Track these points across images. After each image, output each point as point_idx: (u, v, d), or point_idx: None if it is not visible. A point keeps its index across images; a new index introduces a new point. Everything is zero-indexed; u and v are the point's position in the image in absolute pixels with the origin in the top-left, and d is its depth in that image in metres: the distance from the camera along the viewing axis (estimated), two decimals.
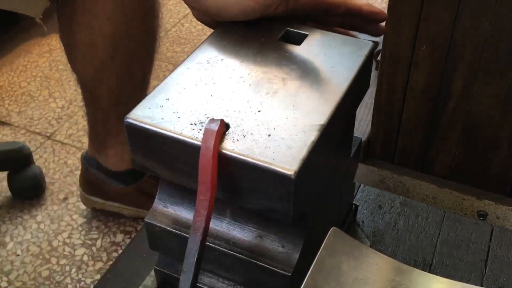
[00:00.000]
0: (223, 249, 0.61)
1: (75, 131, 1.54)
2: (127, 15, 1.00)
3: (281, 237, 0.60)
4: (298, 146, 0.53)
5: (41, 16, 1.00)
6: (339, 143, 0.69)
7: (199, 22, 0.67)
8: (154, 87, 0.61)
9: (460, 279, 0.80)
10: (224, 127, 0.54)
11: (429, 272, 0.79)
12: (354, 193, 0.92)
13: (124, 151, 1.17)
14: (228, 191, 0.56)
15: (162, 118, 0.56)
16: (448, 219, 0.89)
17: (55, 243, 1.22)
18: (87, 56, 1.04)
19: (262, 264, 0.60)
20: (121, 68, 1.05)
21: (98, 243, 1.22)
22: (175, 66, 1.26)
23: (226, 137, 0.54)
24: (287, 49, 0.66)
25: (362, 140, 0.93)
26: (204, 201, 0.54)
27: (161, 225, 0.64)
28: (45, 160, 1.44)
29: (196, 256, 0.55)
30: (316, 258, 0.59)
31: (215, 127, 0.53)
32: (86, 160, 1.21)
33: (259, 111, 0.57)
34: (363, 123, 1.12)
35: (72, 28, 1.02)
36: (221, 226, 0.62)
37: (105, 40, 1.01)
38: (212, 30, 0.69)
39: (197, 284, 0.66)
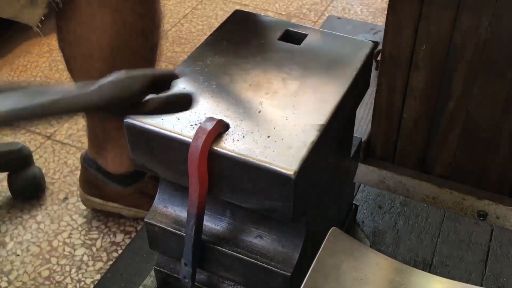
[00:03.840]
0: (223, 249, 0.61)
1: (75, 131, 1.54)
2: (126, 28, 0.99)
3: (281, 237, 0.60)
4: (298, 146, 0.53)
5: (39, 25, 0.99)
6: (339, 143, 0.69)
7: (199, 22, 0.67)
8: None
9: (460, 279, 0.79)
10: (222, 127, 0.54)
11: (429, 272, 0.79)
12: (354, 193, 0.92)
13: (124, 155, 1.16)
14: (228, 191, 0.56)
15: (162, 119, 0.56)
16: (448, 219, 0.89)
17: (55, 243, 1.22)
18: (85, 68, 1.03)
19: (262, 264, 0.60)
20: None
21: (98, 243, 1.22)
22: (175, 66, 1.25)
23: (226, 137, 0.54)
24: (287, 49, 0.66)
25: (362, 140, 0.93)
26: (195, 193, 0.55)
27: (161, 225, 0.64)
28: (45, 160, 1.44)
29: (193, 239, 0.56)
30: (316, 258, 0.59)
31: (209, 126, 0.53)
32: (86, 161, 1.21)
33: (259, 111, 0.57)
34: (363, 123, 1.12)
35: (70, 40, 1.01)
36: (221, 226, 0.62)
37: (103, 53, 1.00)
38: (212, 30, 0.69)
39: (197, 284, 0.67)
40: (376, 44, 0.68)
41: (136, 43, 1.02)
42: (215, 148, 0.53)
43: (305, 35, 0.67)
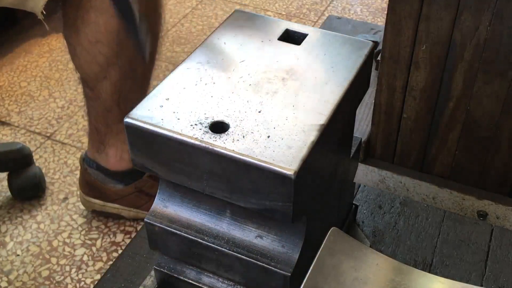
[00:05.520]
0: (223, 249, 0.61)
1: (75, 131, 1.54)
2: None
3: (281, 237, 0.60)
4: (298, 146, 0.53)
5: (44, 12, 1.00)
6: (339, 143, 0.69)
7: (199, 22, 0.68)
8: (154, 87, 0.61)
9: (460, 279, 0.80)
10: None
11: (429, 272, 0.79)
12: (354, 193, 0.92)
13: (124, 151, 1.17)
14: (228, 191, 0.56)
15: (162, 119, 0.56)
16: (448, 219, 0.89)
17: (55, 243, 1.22)
18: (92, 53, 1.05)
19: (262, 264, 0.60)
20: (124, 66, 1.06)
21: (98, 243, 1.22)
22: (175, 66, 1.25)
23: (226, 137, 0.54)
24: (287, 49, 0.66)
25: (362, 140, 0.93)
26: None
27: (161, 225, 0.64)
28: (45, 160, 1.44)
29: None
30: (316, 258, 0.59)
31: None
32: (86, 162, 1.21)
33: (259, 111, 0.57)
34: (363, 123, 1.12)
35: (77, 25, 1.03)
36: (221, 226, 0.62)
37: (109, 37, 1.02)
38: (212, 30, 0.69)
39: (197, 284, 0.67)
40: (376, 44, 0.68)
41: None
42: (215, 148, 0.54)
43: (305, 35, 0.67)
